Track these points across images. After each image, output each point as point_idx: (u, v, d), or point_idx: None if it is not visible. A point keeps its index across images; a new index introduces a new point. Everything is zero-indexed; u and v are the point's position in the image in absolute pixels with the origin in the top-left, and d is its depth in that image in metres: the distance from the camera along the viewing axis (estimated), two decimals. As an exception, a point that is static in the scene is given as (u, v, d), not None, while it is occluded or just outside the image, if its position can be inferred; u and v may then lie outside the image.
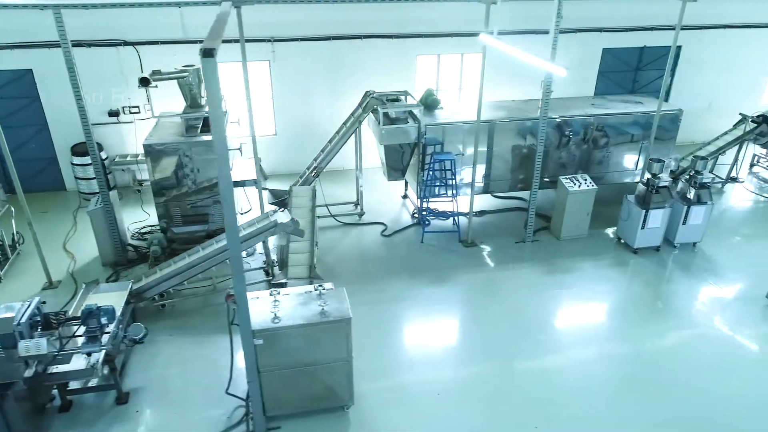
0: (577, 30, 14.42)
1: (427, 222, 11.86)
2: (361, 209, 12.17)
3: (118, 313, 7.34)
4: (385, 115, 11.23)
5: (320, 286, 7.05)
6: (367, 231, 11.63)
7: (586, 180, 11.09)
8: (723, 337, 8.56)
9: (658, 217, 10.49)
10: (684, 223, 10.71)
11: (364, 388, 7.42)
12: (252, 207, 11.98)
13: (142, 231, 11.34)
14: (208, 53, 4.66)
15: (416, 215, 11.97)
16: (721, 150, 13.52)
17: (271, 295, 6.86)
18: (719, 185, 13.88)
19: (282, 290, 7.04)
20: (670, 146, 12.37)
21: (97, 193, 10.11)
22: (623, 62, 15.26)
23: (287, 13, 12.74)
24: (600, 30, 14.55)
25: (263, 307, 6.62)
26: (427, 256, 10.72)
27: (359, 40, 13.35)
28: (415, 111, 11.36)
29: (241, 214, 11.73)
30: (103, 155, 12.84)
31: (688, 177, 10.72)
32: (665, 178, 10.57)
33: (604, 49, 14.94)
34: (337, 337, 6.53)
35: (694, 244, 11.01)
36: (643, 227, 10.52)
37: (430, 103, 11.85)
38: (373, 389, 7.48)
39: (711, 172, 14.15)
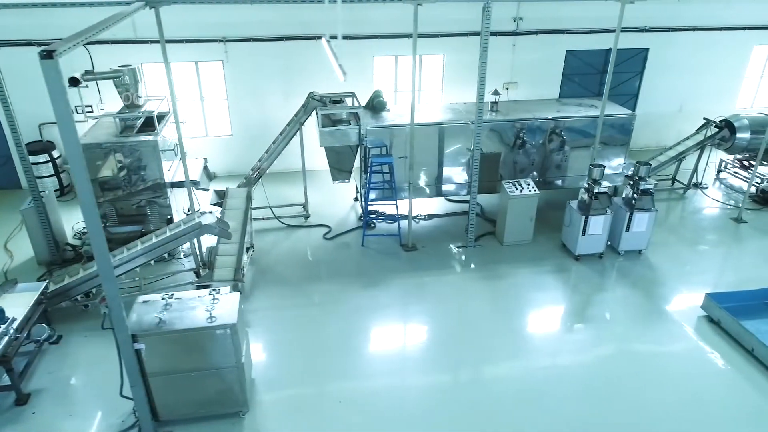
0: (539, 32, 14.21)
1: (373, 225, 11.78)
2: (307, 211, 12.09)
3: (19, 314, 7.33)
4: (328, 116, 11.16)
5: (215, 290, 6.98)
6: (311, 233, 11.55)
7: (529, 185, 10.89)
8: (647, 351, 8.32)
9: (598, 224, 10.26)
10: (627, 230, 10.48)
11: (266, 394, 7.37)
12: (200, 207, 11.95)
13: (85, 231, 11.37)
14: (47, 55, 4.59)
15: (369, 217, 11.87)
16: (682, 155, 13.23)
17: (163, 298, 6.81)
18: (681, 191, 13.60)
19: (177, 294, 6.98)
20: (624, 151, 12.11)
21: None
22: (588, 65, 14.99)
23: (240, 14, 12.70)
24: (562, 32, 14.31)
25: (152, 311, 6.56)
26: (365, 260, 10.61)
27: (313, 41, 13.27)
28: (363, 113, 11.29)
29: (186, 213, 11.70)
30: (56, 154, 12.94)
31: (631, 183, 10.48)
32: (606, 184, 10.34)
33: (567, 51, 14.70)
34: (222, 342, 6.45)
35: (640, 251, 10.78)
36: (583, 234, 10.30)
37: (376, 105, 11.72)
38: (276, 396, 7.40)
39: (674, 178, 13.88)
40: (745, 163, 13.96)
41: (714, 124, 13.28)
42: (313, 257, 10.70)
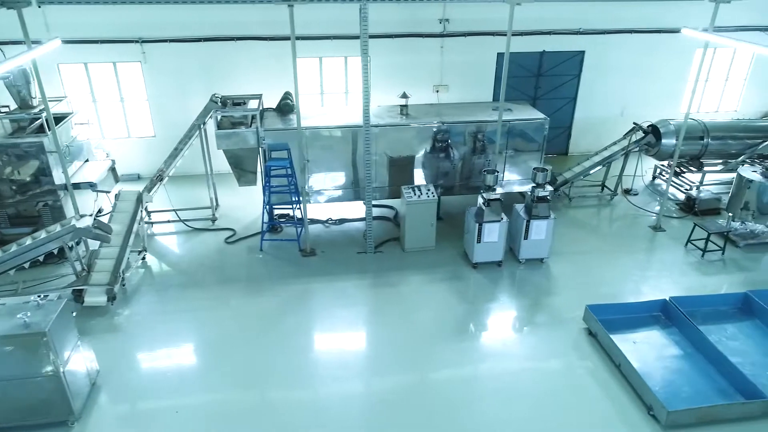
0: (467, 33, 13.93)
1: (279, 229, 11.62)
2: (214, 214, 11.94)
3: None
4: (227, 118, 11.01)
5: (40, 295, 6.84)
6: (216, 237, 11.39)
7: (429, 190, 10.65)
8: (516, 366, 8.04)
9: (493, 231, 10.00)
10: (526, 238, 10.20)
11: (111, 403, 7.25)
12: (98, 209, 11.83)
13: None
14: None
15: (274, 221, 11.70)
16: (607, 160, 12.89)
17: (-14, 304, 6.70)
18: (608, 198, 13.26)
19: (2, 299, 6.86)
20: (539, 156, 11.80)
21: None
22: (522, 67, 14.68)
23: (157, 14, 12.57)
24: (491, 34, 14.02)
25: (-30, 317, 6.45)
26: (259, 266, 10.43)
27: (233, 42, 13.14)
28: (272, 115, 11.13)
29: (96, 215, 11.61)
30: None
31: (530, 190, 10.20)
32: (500, 191, 10.07)
33: (498, 53, 14.39)
34: (36, 350, 6.31)
35: (542, 260, 10.49)
36: (479, 241, 10.04)
37: (282, 107, 11.55)
38: (119, 405, 7.25)
39: (604, 183, 13.55)
40: (677, 169, 13.59)
41: (641, 129, 12.95)
42: (208, 262, 10.53)
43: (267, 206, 10.95)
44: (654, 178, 14.21)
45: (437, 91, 14.42)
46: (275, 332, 8.65)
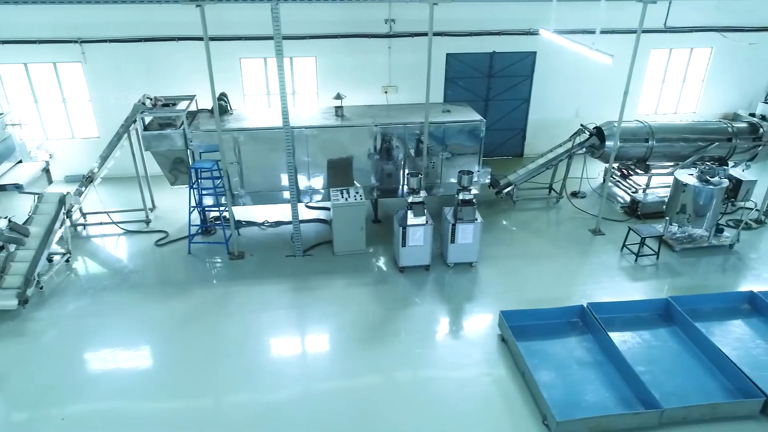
0: (413, 34, 13.78)
1: (213, 231, 11.50)
2: (148, 216, 11.82)
3: None
4: (157, 120, 10.88)
5: None
6: (148, 239, 11.26)
7: (357, 193, 10.51)
8: (425, 375, 7.87)
9: (418, 235, 9.85)
10: (453, 242, 10.05)
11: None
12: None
13: None
14: None
15: (206, 223, 11.57)
16: (550, 163, 12.71)
17: None
18: (554, 200, 13.09)
19: None
20: (477, 159, 11.64)
21: None
22: (472, 68, 14.51)
23: (97, 14, 12.46)
24: (439, 34, 13.85)
25: None
26: (182, 269, 10.30)
27: (174, 42, 13.01)
28: (207, 116, 11.02)
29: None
30: None
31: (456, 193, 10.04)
32: (424, 194, 9.91)
33: (448, 54, 14.24)
34: None
35: (471, 264, 10.34)
36: (404, 245, 9.89)
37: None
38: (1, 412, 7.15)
39: (551, 186, 13.37)
40: (625, 172, 13.42)
41: (586, 131, 12.77)
42: (133, 265, 10.40)
43: (198, 208, 10.84)
44: (604, 180, 14.03)
45: (386, 92, 14.28)
46: (179, 338, 8.48)
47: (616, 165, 13.70)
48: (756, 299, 8.96)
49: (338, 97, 11.42)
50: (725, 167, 10.66)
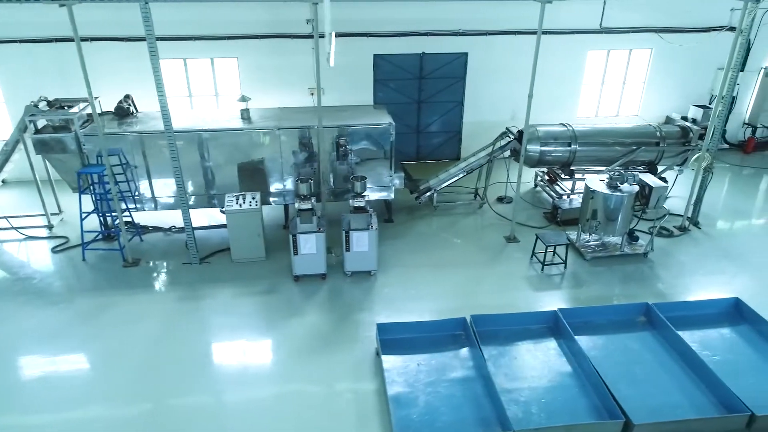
0: (338, 34, 13.38)
1: (115, 237, 11.18)
2: (49, 221, 11.50)
3: None
4: (51, 122, 10.57)
5: None
6: (46, 245, 10.94)
7: (254, 198, 10.17)
8: (291, 389, 7.52)
9: (309, 243, 9.51)
10: (348, 249, 9.70)
11: None
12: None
13: None
14: None
15: (108, 229, 11.25)
16: (470, 166, 12.35)
17: None
18: (478, 205, 12.74)
19: None
20: (388, 163, 11.27)
21: None
22: (402, 69, 14.16)
23: (7, 13, 12.17)
24: (365, 35, 13.52)
25: None
26: (73, 276, 9.96)
27: (88, 42, 12.69)
28: (110, 119, 10.71)
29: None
30: None
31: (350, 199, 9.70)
32: (314, 200, 9.58)
33: (375, 55, 13.89)
34: None
35: (370, 272, 9.99)
36: (296, 253, 9.55)
37: (116, 110, 11.11)
38: None
39: (476, 191, 13.01)
40: (551, 176, 13.07)
41: (509, 134, 12.41)
42: (23, 272, 10.09)
43: (98, 214, 10.53)
44: (535, 185, 13.70)
45: (312, 94, 13.94)
46: (38, 351, 8.16)
47: (545, 169, 13.40)
48: (651, 312, 8.60)
49: (243, 99, 11.09)
50: (635, 174, 10.27)
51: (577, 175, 12.40)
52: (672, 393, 7.29)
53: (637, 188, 10.20)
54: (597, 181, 10.47)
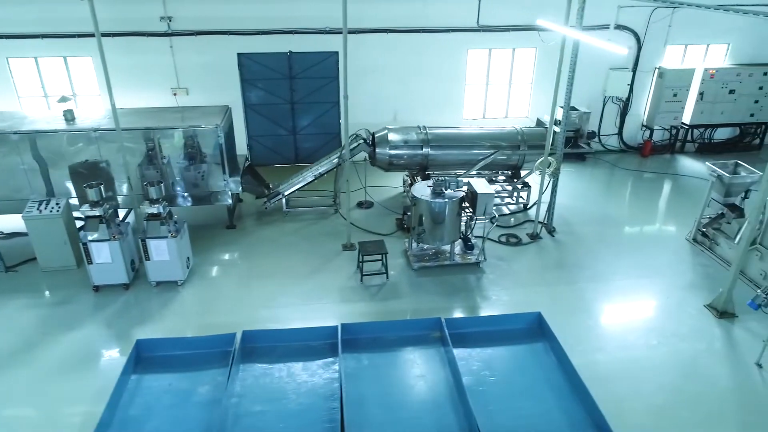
0: (195, 32, 12.91)
1: (-64, 244, 10.69)
2: None
3: None
4: None
5: None
6: None
7: (57, 204, 9.65)
8: (17, 414, 7.04)
9: (104, 252, 8.99)
10: (148, 258, 9.18)
11: None
12: None
13: None
14: None
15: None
16: (319, 170, 11.82)
17: None
18: (332, 211, 12.18)
19: None
20: (220, 168, 10.74)
21: None
22: (271, 69, 13.63)
23: None
24: (226, 33, 12.99)
25: None
26: None
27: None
28: None
29: None
30: None
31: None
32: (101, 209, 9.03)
33: (239, 54, 13.37)
34: None
35: (178, 283, 9.46)
36: (90, 262, 9.03)
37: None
38: None
39: (336, 196, 12.46)
40: (411, 180, 12.50)
41: (359, 138, 11.87)
42: None
43: None
44: (404, 190, 13.15)
45: (175, 94, 13.43)
46: None
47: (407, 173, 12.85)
48: (443, 327, 8.05)
49: (63, 99, 10.60)
50: (459, 180, 9.67)
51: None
52: (423, 418, 6.75)
53: (461, 194, 9.65)
54: (424, 187, 9.92)
